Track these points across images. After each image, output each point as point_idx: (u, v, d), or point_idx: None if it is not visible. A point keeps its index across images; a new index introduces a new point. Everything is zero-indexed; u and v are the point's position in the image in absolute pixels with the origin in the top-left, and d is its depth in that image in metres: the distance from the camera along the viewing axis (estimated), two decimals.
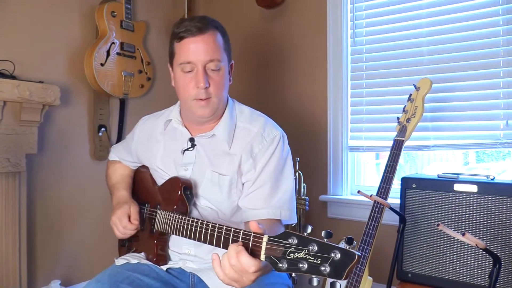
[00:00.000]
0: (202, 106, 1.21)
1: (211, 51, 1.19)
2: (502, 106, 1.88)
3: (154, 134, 1.39)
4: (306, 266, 0.74)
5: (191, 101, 1.22)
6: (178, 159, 1.30)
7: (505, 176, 2.04)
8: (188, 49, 1.19)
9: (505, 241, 1.51)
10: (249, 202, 1.21)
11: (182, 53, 1.20)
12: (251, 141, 1.24)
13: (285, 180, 1.25)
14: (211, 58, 1.19)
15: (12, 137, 1.86)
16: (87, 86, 2.24)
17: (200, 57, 1.18)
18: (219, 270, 0.86)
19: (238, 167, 1.23)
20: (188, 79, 1.20)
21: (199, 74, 1.19)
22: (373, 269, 1.60)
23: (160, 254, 1.27)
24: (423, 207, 1.69)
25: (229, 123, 1.27)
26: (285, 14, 2.57)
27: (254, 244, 0.84)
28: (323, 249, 0.73)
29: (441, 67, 2.02)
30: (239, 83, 2.77)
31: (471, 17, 1.96)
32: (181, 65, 1.21)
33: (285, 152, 1.27)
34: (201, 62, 1.19)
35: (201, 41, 1.19)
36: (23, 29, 2.01)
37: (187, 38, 1.19)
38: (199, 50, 1.18)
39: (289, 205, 1.23)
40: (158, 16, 2.68)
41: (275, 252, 0.79)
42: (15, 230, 1.88)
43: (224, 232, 0.95)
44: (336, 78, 2.34)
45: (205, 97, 1.20)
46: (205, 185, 1.25)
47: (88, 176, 2.26)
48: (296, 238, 0.77)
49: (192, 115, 1.27)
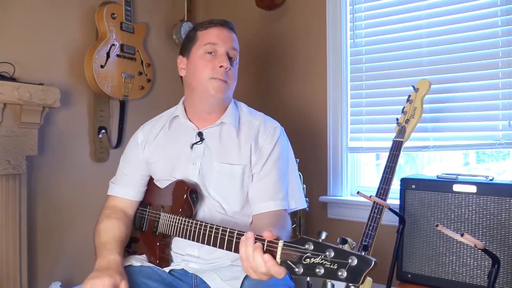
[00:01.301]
0: (219, 85, 1.27)
1: (234, 41, 1.32)
2: (501, 107, 1.88)
3: (158, 135, 1.38)
4: (323, 271, 0.77)
5: (208, 80, 1.27)
6: (187, 154, 1.31)
7: (505, 176, 2.04)
8: (215, 33, 1.29)
9: (504, 241, 1.51)
10: (257, 192, 1.25)
11: (208, 36, 1.29)
12: (256, 132, 1.31)
13: (290, 167, 1.34)
14: (233, 46, 1.31)
15: (13, 139, 1.87)
16: (87, 88, 2.25)
17: (226, 42, 1.29)
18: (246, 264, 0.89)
19: (250, 157, 1.28)
20: (208, 60, 1.28)
21: (223, 56, 1.27)
22: (373, 270, 1.60)
23: (162, 256, 1.27)
24: (422, 207, 1.69)
25: (234, 113, 1.34)
26: (284, 16, 2.58)
27: (269, 249, 0.87)
28: (339, 255, 0.76)
29: (440, 68, 2.03)
30: (239, 84, 2.77)
31: (470, 18, 1.96)
32: (205, 46, 1.29)
33: (286, 142, 1.36)
34: (226, 47, 1.28)
35: (226, 31, 1.31)
36: (23, 31, 2.02)
37: (215, 27, 1.31)
38: (225, 37, 1.30)
39: (297, 191, 1.32)
40: (158, 18, 2.68)
41: (291, 257, 0.82)
42: (16, 232, 1.89)
43: (236, 236, 0.97)
44: (335, 79, 2.35)
45: (223, 78, 1.27)
46: (215, 178, 1.27)
47: (89, 177, 2.27)
48: (312, 243, 0.80)
49: (205, 98, 1.29)
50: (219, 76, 1.26)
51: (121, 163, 1.42)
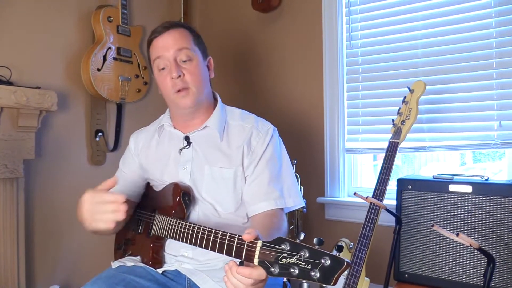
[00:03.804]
0: (182, 96, 1.27)
1: (177, 42, 1.27)
2: (495, 107, 1.89)
3: (150, 143, 1.41)
4: (297, 271, 0.77)
5: (172, 95, 1.28)
6: (176, 159, 1.33)
7: (501, 176, 2.06)
8: (157, 45, 1.28)
9: (499, 240, 1.52)
10: (251, 192, 1.26)
11: (153, 52, 1.29)
12: (248, 136, 1.30)
13: (285, 166, 1.33)
14: (179, 47, 1.26)
15: (10, 143, 1.87)
16: (84, 91, 2.25)
17: (168, 49, 1.26)
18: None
19: (242, 160, 1.28)
20: (164, 76, 1.27)
21: (172, 65, 1.25)
22: (370, 270, 1.61)
23: (155, 257, 1.28)
24: (419, 208, 1.70)
25: (219, 117, 1.33)
26: (281, 18, 2.59)
27: (249, 249, 0.88)
28: (314, 255, 0.76)
29: (435, 69, 2.04)
30: (235, 86, 2.78)
31: (464, 20, 1.97)
32: (155, 63, 1.28)
33: (279, 142, 1.36)
34: (171, 55, 1.26)
35: (167, 36, 1.28)
36: (19, 35, 2.02)
37: (156, 38, 1.29)
38: (166, 44, 1.27)
39: (292, 191, 1.30)
40: (154, 20, 2.68)
41: (268, 257, 0.82)
42: (14, 235, 1.89)
43: (220, 237, 0.98)
44: (332, 80, 2.36)
45: (182, 87, 1.26)
46: (206, 181, 1.28)
47: (86, 181, 2.27)
48: (289, 244, 0.80)
49: (179, 110, 1.32)
50: (177, 87, 1.26)
51: (121, 164, 1.48)
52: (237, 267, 0.87)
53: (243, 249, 0.89)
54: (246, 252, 0.88)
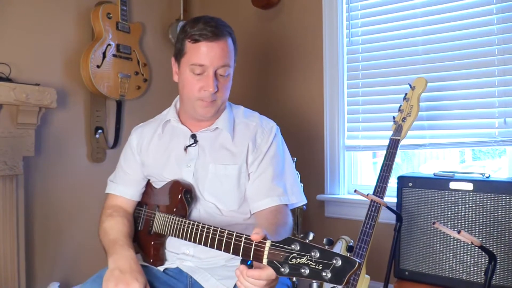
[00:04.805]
0: (206, 106, 1.26)
1: (224, 57, 1.22)
2: (497, 104, 1.89)
3: (152, 137, 1.38)
4: (308, 272, 0.78)
5: (195, 100, 1.25)
6: (180, 157, 1.31)
7: (501, 173, 2.06)
8: (203, 52, 1.21)
9: (500, 238, 1.52)
10: (255, 189, 1.26)
11: (195, 55, 1.22)
12: (253, 133, 1.31)
13: (287, 164, 1.34)
14: (223, 64, 1.23)
15: (9, 140, 1.86)
16: (83, 88, 2.25)
17: (214, 62, 1.21)
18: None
19: (246, 157, 1.28)
20: (196, 80, 1.23)
21: (210, 79, 1.22)
22: (371, 267, 1.61)
23: (156, 255, 1.28)
24: (419, 205, 1.70)
25: (229, 117, 1.34)
26: (281, 15, 2.58)
27: (257, 249, 0.88)
28: (325, 256, 0.77)
29: (436, 66, 2.03)
30: (235, 84, 2.76)
31: (465, 16, 1.97)
32: (191, 66, 1.23)
33: (281, 140, 1.38)
34: (213, 67, 1.21)
35: (216, 46, 1.21)
36: (19, 32, 2.01)
37: (202, 42, 1.20)
38: (213, 55, 1.21)
39: (295, 188, 1.32)
40: (154, 17, 2.68)
41: (278, 257, 0.83)
42: (13, 233, 1.88)
43: (226, 236, 0.98)
44: (332, 77, 2.35)
45: (211, 100, 1.24)
46: (210, 180, 1.27)
47: (85, 178, 2.26)
48: (298, 244, 0.80)
49: (194, 113, 1.30)
50: (206, 98, 1.24)
51: (122, 161, 1.43)
52: (247, 271, 0.88)
53: (250, 248, 0.89)
54: (255, 252, 0.88)
